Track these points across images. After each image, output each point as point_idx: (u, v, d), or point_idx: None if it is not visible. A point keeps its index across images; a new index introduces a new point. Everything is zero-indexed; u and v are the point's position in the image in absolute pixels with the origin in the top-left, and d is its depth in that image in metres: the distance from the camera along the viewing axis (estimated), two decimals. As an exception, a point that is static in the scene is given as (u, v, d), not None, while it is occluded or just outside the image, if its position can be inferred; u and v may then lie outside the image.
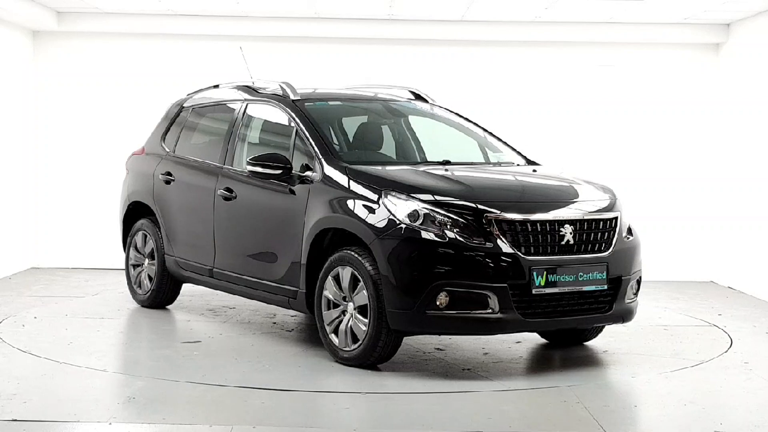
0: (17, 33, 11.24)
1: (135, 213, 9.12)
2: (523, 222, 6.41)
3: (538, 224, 6.46)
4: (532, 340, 7.73)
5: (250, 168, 7.24)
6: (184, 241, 8.39)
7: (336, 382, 6.28)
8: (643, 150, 11.75)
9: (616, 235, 6.82)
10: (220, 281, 7.97)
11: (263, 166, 7.15)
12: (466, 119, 8.39)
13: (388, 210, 6.44)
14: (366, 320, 6.47)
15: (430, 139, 8.22)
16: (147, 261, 8.89)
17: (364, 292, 6.46)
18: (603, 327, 7.50)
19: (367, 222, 6.51)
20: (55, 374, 6.43)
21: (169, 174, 8.60)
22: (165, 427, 5.28)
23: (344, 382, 6.27)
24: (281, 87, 7.84)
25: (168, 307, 8.98)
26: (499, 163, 7.78)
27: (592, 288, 6.58)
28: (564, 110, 11.76)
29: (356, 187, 6.70)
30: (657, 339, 7.97)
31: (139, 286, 9.02)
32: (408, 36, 11.54)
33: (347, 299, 6.64)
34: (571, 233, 6.53)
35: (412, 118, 8.29)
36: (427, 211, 6.36)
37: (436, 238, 6.27)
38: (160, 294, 8.83)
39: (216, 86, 8.82)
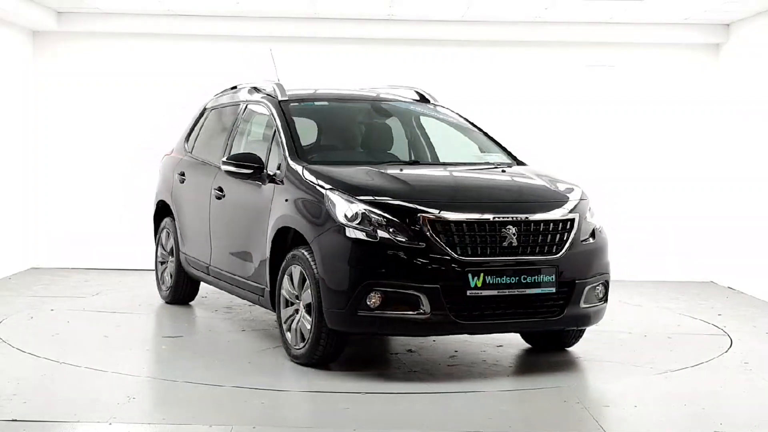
0: (17, 33, 11.24)
1: (162, 212, 9.32)
2: (459, 222, 6.25)
3: (476, 225, 6.28)
4: (523, 343, 7.72)
5: (224, 167, 7.37)
6: (192, 239, 8.58)
7: (336, 382, 6.28)
8: (643, 150, 11.75)
9: (570, 238, 6.52)
10: (214, 279, 8.11)
11: (236, 166, 7.26)
12: (465, 119, 8.32)
13: (328, 209, 6.45)
14: (311, 319, 6.50)
15: (417, 138, 8.13)
16: (170, 258, 9.08)
17: (309, 291, 6.49)
18: (583, 331, 7.21)
19: (310, 221, 6.56)
20: (55, 374, 6.42)
21: (182, 174, 8.80)
22: (165, 427, 5.28)
23: (344, 382, 6.27)
24: (273, 87, 7.92)
25: (191, 303, 9.14)
26: (477, 163, 7.62)
27: (538, 291, 6.34)
28: (564, 110, 11.75)
29: (308, 187, 6.74)
30: (657, 339, 7.96)
31: (163, 282, 9.27)
32: (408, 36, 11.54)
33: (299, 298, 6.68)
34: (514, 234, 6.32)
35: (401, 118, 8.21)
36: (364, 211, 6.31)
37: (367, 238, 6.22)
38: (178, 291, 9.00)
39: (234, 87, 8.85)
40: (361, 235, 6.23)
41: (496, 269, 6.25)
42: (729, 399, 6.23)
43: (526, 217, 6.41)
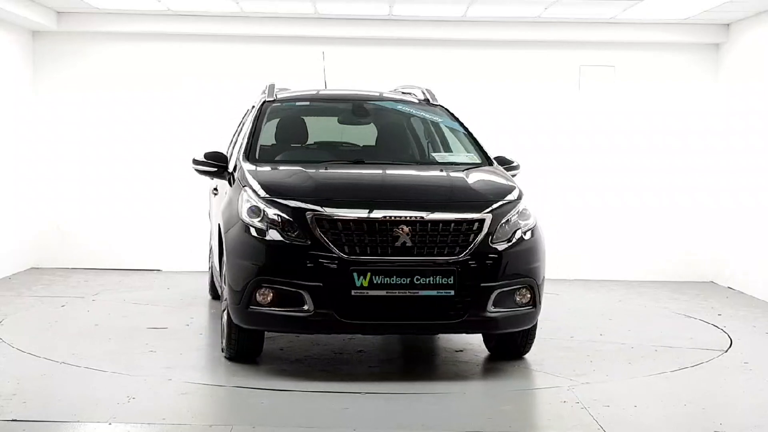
0: (17, 33, 11.24)
1: None
2: (347, 221, 6.18)
3: (365, 223, 6.18)
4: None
5: (192, 166, 7.46)
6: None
7: (336, 382, 6.28)
8: (643, 150, 11.74)
9: (477, 240, 6.28)
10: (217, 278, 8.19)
11: (201, 164, 7.37)
12: (456, 119, 8.01)
13: (238, 207, 6.55)
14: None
15: (395, 137, 8.07)
16: None
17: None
18: (533, 338, 6.91)
19: (226, 218, 6.73)
20: (55, 374, 6.42)
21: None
22: (165, 427, 5.28)
23: (344, 383, 6.27)
24: (268, 88, 8.06)
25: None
26: (435, 163, 7.46)
27: (433, 293, 6.15)
28: (563, 110, 11.75)
29: (236, 185, 6.87)
30: (657, 339, 7.96)
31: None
32: (408, 36, 11.54)
33: None
34: (408, 234, 6.16)
35: (389, 119, 8.18)
36: (263, 209, 6.36)
37: (259, 235, 6.28)
38: (214, 292, 9.10)
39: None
40: (255, 233, 6.32)
41: (385, 269, 6.10)
42: (729, 399, 6.23)
43: (422, 217, 6.23)
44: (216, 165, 7.31)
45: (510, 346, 6.97)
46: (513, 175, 7.44)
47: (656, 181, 11.74)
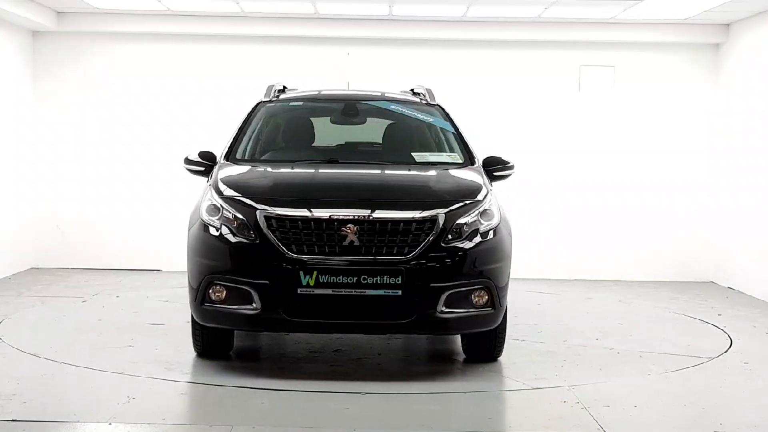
0: (17, 33, 11.24)
1: None
2: (295, 219, 6.20)
3: (312, 222, 6.19)
4: (523, 343, 7.72)
5: (184, 165, 7.46)
6: None
7: (336, 383, 6.28)
8: (643, 150, 11.73)
9: (428, 240, 6.21)
10: None
11: (192, 164, 7.39)
12: (449, 119, 7.92)
13: (200, 205, 6.66)
14: None
15: (386, 137, 8.04)
16: None
17: None
18: (502, 340, 6.82)
19: (190, 216, 6.82)
20: (55, 374, 6.43)
21: None
22: (165, 427, 5.28)
23: (344, 383, 6.27)
24: (269, 88, 8.09)
25: None
26: (411, 164, 7.32)
27: (380, 293, 6.12)
28: (563, 110, 11.75)
29: (206, 184, 6.96)
30: (657, 339, 7.96)
31: None
32: (408, 36, 11.53)
33: None
34: (355, 234, 6.15)
35: (384, 118, 8.17)
36: (220, 207, 6.45)
37: (212, 233, 6.39)
38: None
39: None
40: (211, 231, 6.41)
41: (332, 268, 6.12)
42: (729, 399, 6.23)
43: (369, 216, 6.20)
44: (204, 164, 7.32)
45: (479, 349, 6.88)
46: (506, 176, 7.40)
47: (656, 181, 11.74)
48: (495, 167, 7.38)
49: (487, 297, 6.38)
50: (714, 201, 11.61)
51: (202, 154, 7.40)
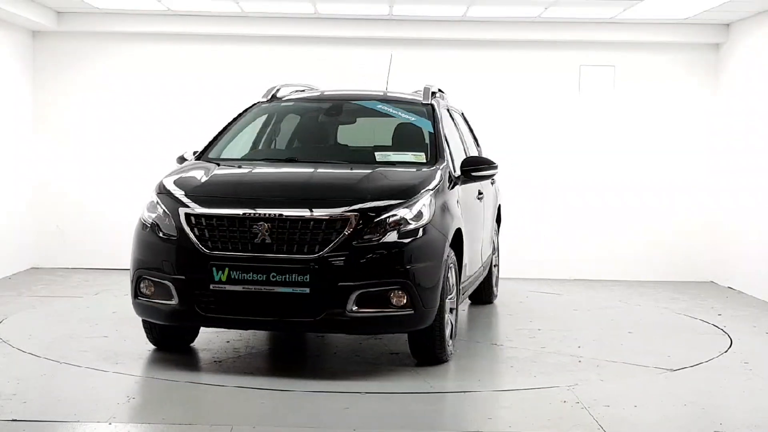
0: (17, 33, 11.24)
1: None
2: (210, 217, 6.35)
3: (226, 219, 6.30)
4: (523, 343, 7.72)
5: (177, 164, 7.57)
6: None
7: (336, 382, 6.28)
8: (643, 150, 11.74)
9: (340, 238, 6.18)
10: None
11: (183, 161, 7.57)
12: (433, 119, 7.73)
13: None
14: None
15: (364, 137, 8.18)
16: None
17: None
18: (442, 341, 6.64)
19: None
20: (55, 374, 6.43)
21: None
22: (165, 427, 5.28)
23: (344, 383, 6.27)
24: (270, 89, 8.18)
25: None
26: (367, 162, 7.21)
27: (288, 291, 6.15)
28: (563, 110, 11.76)
29: None
30: (657, 339, 7.97)
31: None
32: (408, 36, 11.53)
33: None
34: (267, 231, 6.21)
35: (364, 117, 8.25)
36: (156, 203, 6.70)
37: (143, 230, 6.71)
38: None
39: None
40: (147, 227, 6.67)
41: (242, 265, 6.22)
42: (729, 399, 6.23)
43: (280, 214, 6.26)
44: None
45: (420, 350, 6.73)
46: (487, 176, 7.49)
47: (656, 181, 11.74)
48: (470, 167, 7.39)
49: (406, 298, 6.27)
50: (714, 201, 11.61)
51: (196, 154, 7.56)
